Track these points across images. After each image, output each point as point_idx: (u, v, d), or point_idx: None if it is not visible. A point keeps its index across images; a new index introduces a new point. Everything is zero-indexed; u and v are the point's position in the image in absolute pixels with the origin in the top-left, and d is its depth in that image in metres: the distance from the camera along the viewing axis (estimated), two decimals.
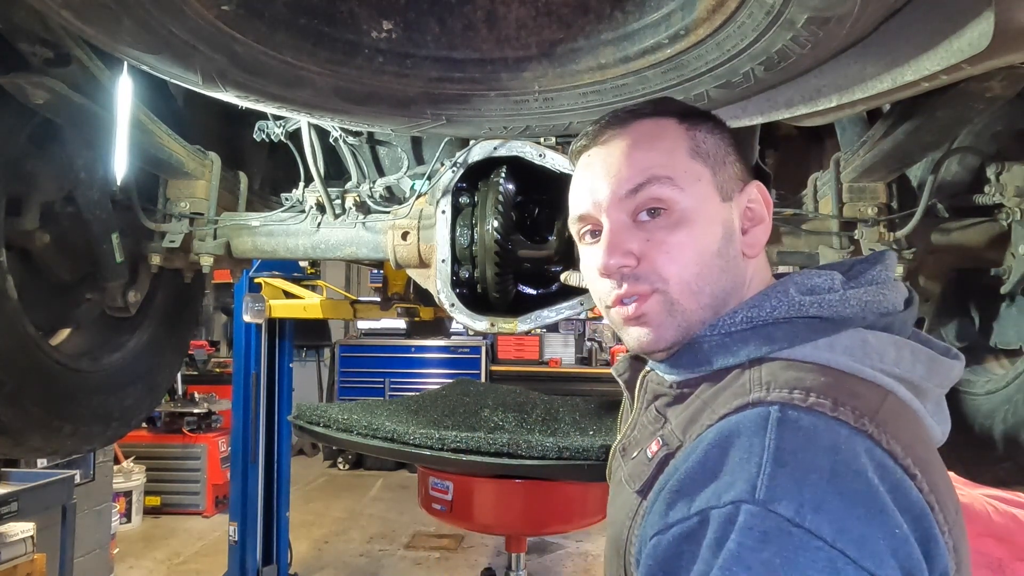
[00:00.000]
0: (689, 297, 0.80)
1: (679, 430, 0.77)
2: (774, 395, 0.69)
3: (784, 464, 0.63)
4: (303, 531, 5.59)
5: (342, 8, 1.29)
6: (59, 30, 1.35)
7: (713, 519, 0.64)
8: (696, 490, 0.67)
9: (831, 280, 0.80)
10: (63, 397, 1.80)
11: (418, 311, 3.93)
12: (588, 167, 0.87)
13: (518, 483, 1.76)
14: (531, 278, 1.84)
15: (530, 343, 8.18)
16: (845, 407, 0.68)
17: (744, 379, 0.74)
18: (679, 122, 0.84)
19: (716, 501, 0.64)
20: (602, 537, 5.20)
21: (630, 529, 0.77)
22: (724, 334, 0.79)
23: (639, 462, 0.80)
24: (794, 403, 0.68)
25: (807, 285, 0.79)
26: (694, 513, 0.65)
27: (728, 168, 0.84)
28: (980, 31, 0.97)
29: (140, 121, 1.64)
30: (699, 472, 0.68)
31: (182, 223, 1.88)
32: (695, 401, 0.79)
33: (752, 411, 0.69)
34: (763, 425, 0.67)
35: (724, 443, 0.68)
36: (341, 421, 1.84)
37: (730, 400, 0.72)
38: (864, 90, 1.24)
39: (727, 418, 0.70)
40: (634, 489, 0.78)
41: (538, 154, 1.64)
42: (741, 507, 0.62)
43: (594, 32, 1.29)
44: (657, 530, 0.68)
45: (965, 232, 1.74)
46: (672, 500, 0.68)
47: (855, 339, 0.75)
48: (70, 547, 3.31)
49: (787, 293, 0.78)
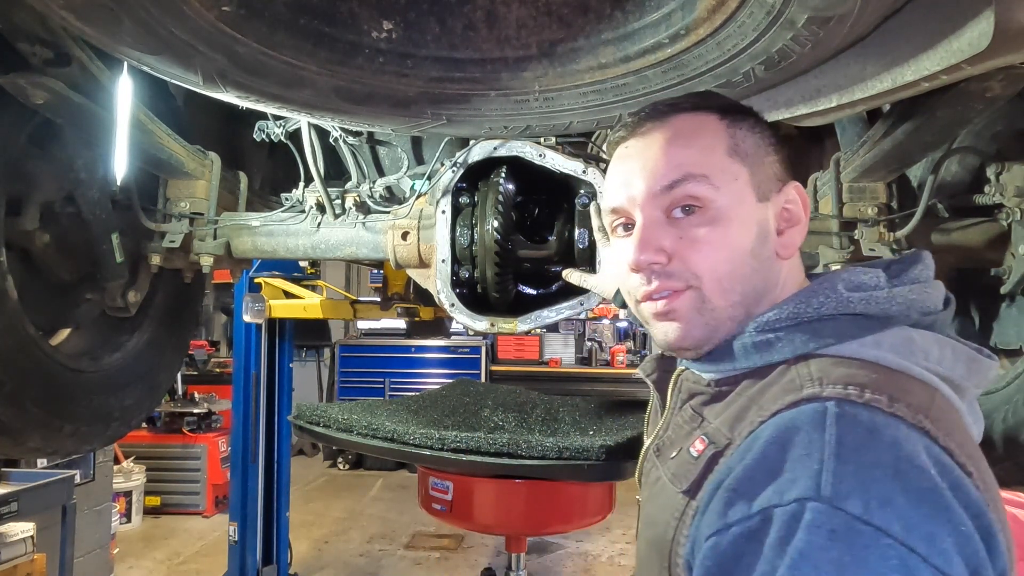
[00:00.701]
0: (720, 295, 0.79)
1: (725, 427, 0.75)
2: (829, 390, 0.68)
3: (847, 460, 0.62)
4: (303, 531, 5.59)
5: (342, 8, 1.29)
6: (59, 30, 1.35)
7: (776, 517, 0.62)
8: (756, 488, 0.65)
9: (877, 278, 0.79)
10: (63, 397, 1.80)
11: (418, 311, 3.93)
12: (624, 159, 0.86)
13: (518, 483, 1.76)
14: (531, 278, 1.84)
15: (530, 343, 8.18)
16: (900, 403, 0.67)
17: (792, 375, 0.73)
18: (720, 118, 0.83)
19: (779, 499, 0.63)
20: (602, 537, 5.16)
21: (677, 530, 0.75)
22: (768, 330, 0.77)
23: (683, 461, 0.79)
24: (850, 398, 0.67)
25: (854, 282, 0.78)
26: (755, 512, 0.64)
27: (766, 168, 0.83)
28: (980, 31, 0.97)
29: (140, 121, 1.64)
30: (758, 470, 0.66)
31: (182, 223, 1.88)
32: (738, 398, 0.77)
33: (807, 407, 0.68)
34: (821, 421, 0.66)
35: (782, 439, 0.66)
36: (341, 421, 1.84)
37: (781, 396, 0.71)
38: (864, 90, 1.24)
39: (781, 414, 0.69)
40: (680, 489, 0.76)
41: (538, 154, 1.64)
42: (807, 504, 0.61)
43: (594, 32, 1.29)
44: (715, 530, 0.67)
45: (965, 232, 1.74)
46: (730, 499, 0.67)
47: (901, 337, 0.75)
48: (70, 547, 3.31)
49: (835, 289, 0.77)
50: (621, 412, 2.07)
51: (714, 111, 0.83)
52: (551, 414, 2.08)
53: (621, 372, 7.81)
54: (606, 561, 5.19)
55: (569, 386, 7.43)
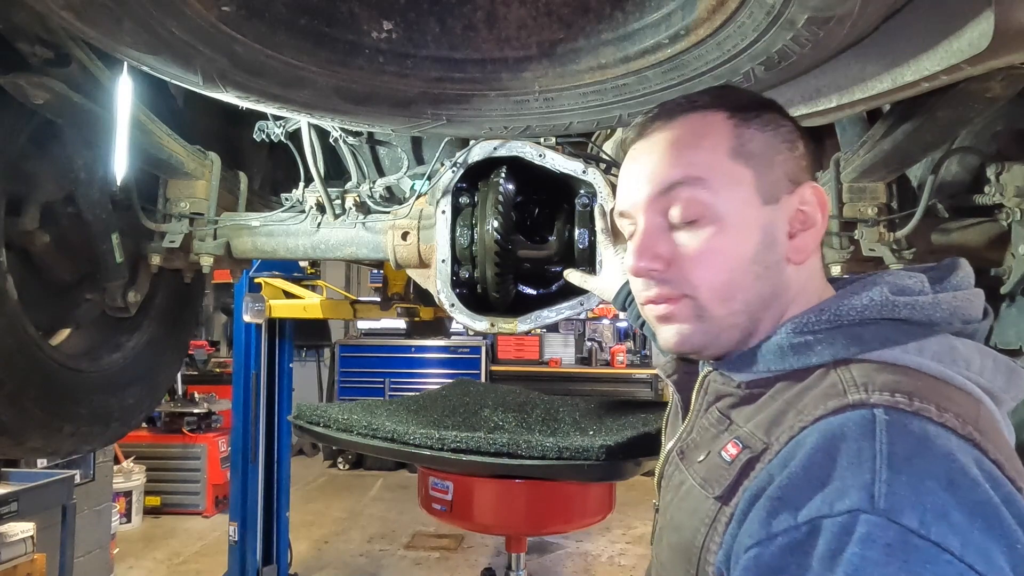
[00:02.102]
0: (718, 304, 0.78)
1: (760, 431, 0.72)
2: (876, 397, 0.66)
3: (899, 471, 0.60)
4: (303, 531, 5.59)
5: (342, 8, 1.29)
6: (59, 30, 1.35)
7: (825, 529, 0.59)
8: (802, 498, 0.62)
9: (921, 283, 0.77)
10: (63, 397, 1.80)
11: (418, 311, 3.93)
12: (631, 161, 0.85)
13: (518, 483, 1.76)
14: (531, 278, 1.84)
15: (530, 343, 8.18)
16: (949, 413, 0.65)
17: (833, 379, 0.70)
18: (728, 116, 0.80)
19: (828, 510, 0.60)
20: (602, 537, 5.15)
21: (707, 536, 0.72)
22: (807, 331, 0.75)
23: (714, 465, 0.75)
24: (899, 406, 0.65)
25: (898, 285, 0.76)
26: (802, 523, 0.61)
27: (776, 169, 0.79)
28: (980, 31, 0.97)
29: (140, 121, 1.64)
30: (803, 478, 0.63)
31: (182, 223, 1.88)
32: (772, 402, 0.75)
33: (854, 413, 0.65)
34: (870, 428, 0.63)
35: (828, 446, 0.64)
36: (341, 421, 1.84)
37: (822, 401, 0.68)
38: (864, 90, 1.24)
39: (825, 420, 0.66)
40: (712, 495, 0.73)
41: (538, 154, 1.64)
42: (859, 516, 0.58)
43: (594, 32, 1.29)
44: (756, 541, 0.64)
45: (965, 232, 1.74)
46: (774, 508, 0.64)
47: (944, 345, 0.73)
48: (70, 547, 3.31)
49: (880, 292, 0.74)
50: (621, 412, 2.07)
51: (724, 109, 0.80)
52: (551, 414, 2.08)
53: (621, 372, 7.81)
54: (606, 561, 5.19)
55: (569, 386, 7.43)
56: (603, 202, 1.62)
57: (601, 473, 1.61)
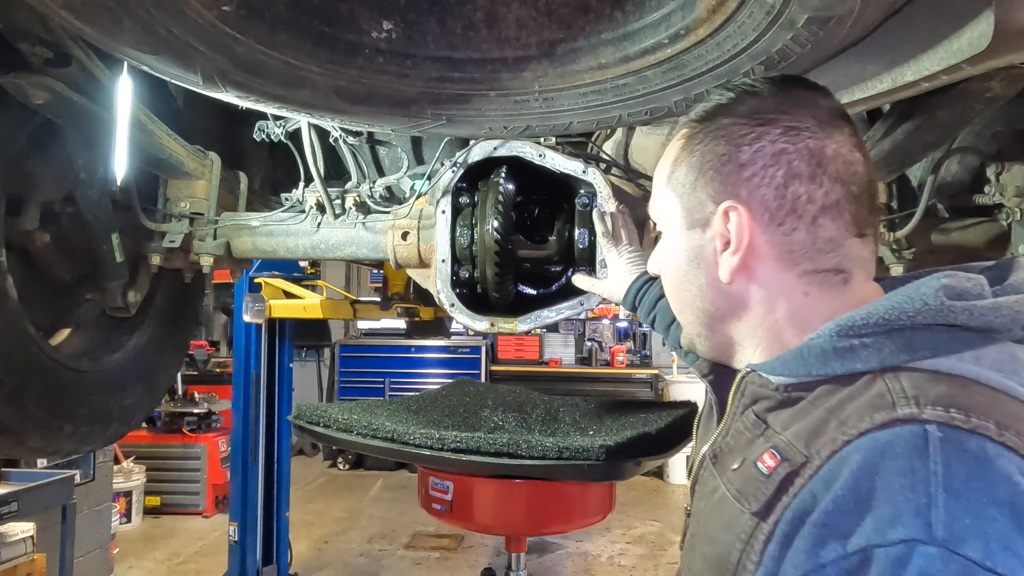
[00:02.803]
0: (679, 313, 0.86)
1: (800, 443, 0.68)
2: (929, 412, 0.61)
3: (958, 495, 0.56)
4: (303, 531, 5.59)
5: (342, 8, 1.29)
6: (59, 30, 1.35)
7: (878, 560, 0.55)
8: (850, 524, 0.58)
9: (980, 286, 0.70)
10: (63, 397, 1.80)
11: (418, 311, 3.93)
12: None
13: (518, 483, 1.76)
14: (531, 278, 1.84)
15: (530, 343, 8.18)
16: (1009, 431, 0.60)
17: (880, 389, 0.66)
18: (689, 135, 0.82)
19: (880, 538, 0.56)
20: (602, 537, 5.14)
21: (743, 553, 0.68)
22: (852, 335, 0.70)
23: (750, 477, 0.71)
24: (955, 423, 0.60)
25: (955, 289, 0.69)
26: (852, 552, 0.57)
27: (700, 191, 0.79)
28: (980, 31, 0.97)
29: (140, 121, 1.64)
30: (851, 502, 0.59)
31: (182, 223, 1.88)
32: (812, 409, 0.70)
33: (904, 429, 0.61)
34: (922, 447, 0.59)
35: (875, 466, 0.60)
36: (341, 421, 1.84)
37: (868, 413, 0.64)
38: (864, 90, 1.24)
39: (871, 435, 0.62)
40: (749, 510, 0.69)
41: (538, 154, 1.64)
42: (916, 548, 0.54)
43: (594, 32, 1.29)
44: (803, 572, 0.60)
45: (965, 232, 1.75)
46: (821, 537, 0.60)
47: (1004, 353, 0.67)
48: (70, 547, 3.31)
49: (935, 296, 0.68)
50: (621, 412, 2.07)
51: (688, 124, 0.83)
52: (551, 414, 2.08)
53: (621, 372, 7.81)
54: (606, 561, 5.19)
55: (569, 386, 7.43)
56: (603, 202, 1.62)
57: (601, 473, 1.61)
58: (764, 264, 0.77)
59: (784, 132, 0.76)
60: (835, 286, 0.76)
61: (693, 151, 0.81)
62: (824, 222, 0.75)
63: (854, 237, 0.76)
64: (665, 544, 5.51)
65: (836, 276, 0.76)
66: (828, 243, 0.75)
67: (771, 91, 0.79)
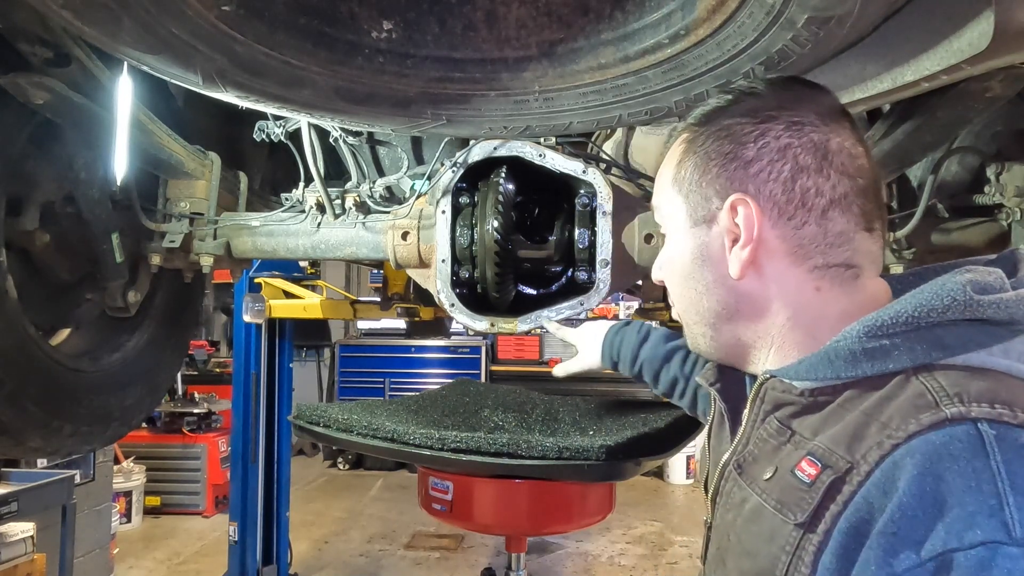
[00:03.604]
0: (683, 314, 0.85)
1: (840, 448, 0.66)
2: (976, 410, 0.61)
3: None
4: (303, 531, 5.59)
5: (342, 8, 1.29)
6: (59, 30, 1.35)
7: (959, 566, 0.55)
8: (921, 530, 0.57)
9: (1001, 279, 0.71)
10: (63, 397, 1.80)
11: (418, 311, 3.93)
12: None
13: (518, 483, 1.76)
14: (531, 278, 1.84)
15: (530, 343, 8.17)
16: None
17: (919, 389, 0.65)
18: (691, 138, 0.81)
19: (957, 542, 0.55)
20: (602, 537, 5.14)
21: (790, 565, 0.66)
22: (882, 335, 0.69)
23: (790, 487, 0.69)
24: (1004, 419, 0.60)
25: (980, 283, 0.69)
26: (928, 559, 0.56)
27: (703, 189, 0.79)
28: (980, 31, 0.97)
29: (140, 121, 1.64)
30: (917, 508, 0.58)
31: (182, 223, 1.88)
32: (843, 412, 0.69)
33: (956, 428, 0.60)
34: (979, 446, 0.59)
35: (937, 469, 0.59)
36: (341, 421, 1.84)
37: (912, 414, 0.63)
38: (864, 90, 1.24)
39: (923, 437, 0.61)
40: (793, 520, 0.67)
41: (538, 154, 1.64)
42: (999, 550, 0.54)
43: (594, 32, 1.29)
44: None
45: (965, 232, 1.75)
46: (891, 546, 0.58)
47: None
48: (70, 547, 3.31)
49: (963, 291, 0.68)
50: (621, 412, 2.07)
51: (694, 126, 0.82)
52: (551, 414, 2.07)
53: None
54: (606, 561, 5.19)
55: (569, 386, 7.42)
56: (603, 202, 1.62)
57: (601, 473, 1.61)
58: (775, 260, 0.76)
59: (788, 127, 0.75)
60: (846, 281, 0.76)
61: (696, 151, 0.80)
62: (834, 215, 0.74)
63: (863, 231, 0.76)
64: (665, 544, 5.51)
65: (847, 271, 0.76)
66: (839, 237, 0.75)
67: (771, 90, 0.79)
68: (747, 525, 0.74)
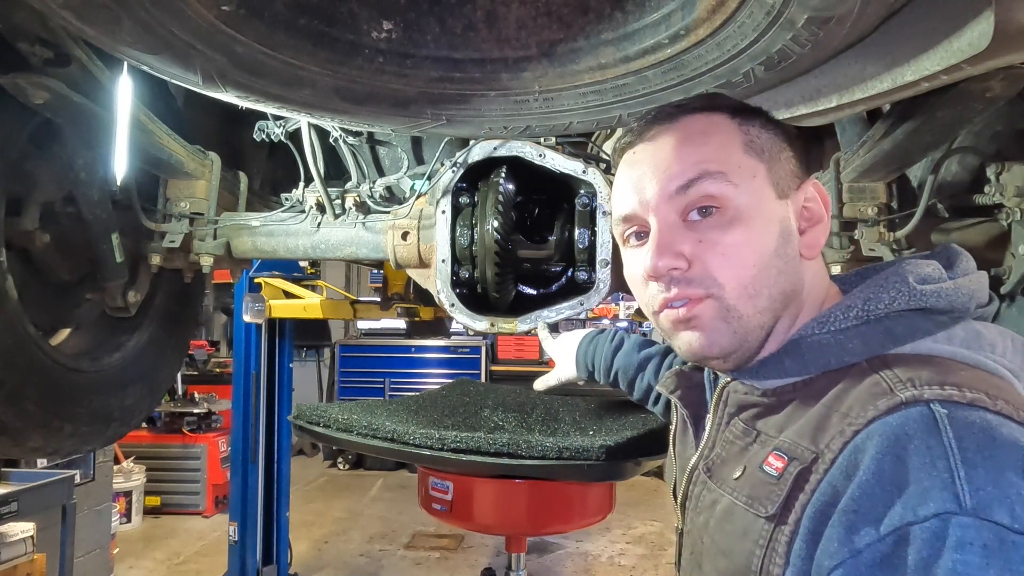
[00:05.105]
0: (746, 301, 0.74)
1: (805, 440, 0.68)
2: (928, 392, 0.63)
3: (975, 465, 0.58)
4: (303, 531, 5.59)
5: (342, 8, 1.29)
6: (59, 30, 1.35)
7: (915, 537, 0.57)
8: (879, 507, 0.59)
9: (939, 270, 0.75)
10: (63, 397, 1.80)
11: (418, 311, 3.93)
12: (633, 164, 0.81)
13: (518, 483, 1.76)
14: (531, 278, 1.84)
15: (530, 343, 8.17)
16: (999, 400, 0.63)
17: (875, 378, 0.68)
18: (731, 117, 0.79)
19: (912, 516, 0.57)
20: (602, 537, 5.14)
21: (765, 558, 0.68)
22: (836, 331, 0.72)
23: (760, 482, 0.71)
24: (954, 399, 0.63)
25: (920, 274, 0.73)
26: (886, 533, 0.58)
27: (784, 164, 0.79)
28: (980, 31, 0.97)
29: (140, 121, 1.64)
30: (876, 486, 0.60)
31: (182, 223, 1.88)
32: (804, 407, 0.72)
33: (911, 411, 0.63)
34: (932, 425, 0.61)
35: (895, 449, 0.61)
36: (341, 421, 1.84)
37: (870, 401, 0.65)
38: (864, 90, 1.24)
39: (880, 421, 0.63)
40: (763, 513, 0.69)
41: (538, 154, 1.64)
42: (951, 520, 0.56)
43: (594, 32, 1.29)
44: (840, 561, 0.60)
45: (965, 232, 1.74)
46: (852, 523, 0.60)
47: (970, 331, 0.71)
48: (70, 547, 3.31)
49: (906, 282, 0.72)
50: (621, 412, 2.07)
51: (723, 110, 0.80)
52: (551, 414, 2.07)
53: None
54: (606, 561, 5.19)
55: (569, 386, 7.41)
56: (603, 202, 1.62)
57: (601, 473, 1.61)
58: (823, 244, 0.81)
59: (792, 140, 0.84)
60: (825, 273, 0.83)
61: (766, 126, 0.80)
62: None
63: None
64: (665, 544, 5.51)
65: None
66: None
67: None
68: (720, 525, 0.76)
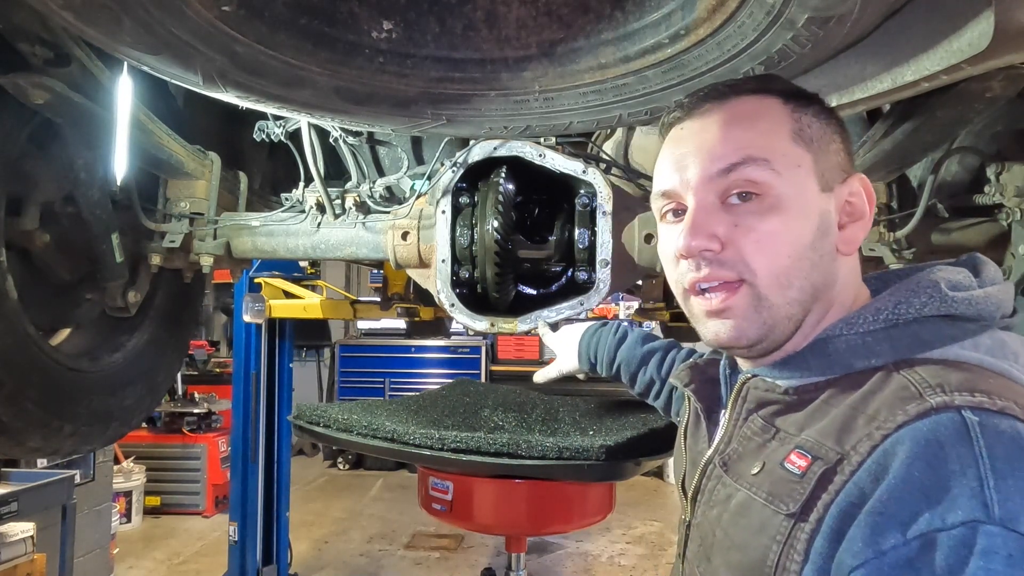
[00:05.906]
0: (777, 291, 0.74)
1: (830, 441, 0.68)
2: (959, 399, 0.63)
3: (1005, 476, 0.58)
4: (303, 531, 5.59)
5: (342, 8, 1.29)
6: (59, 30, 1.35)
7: (941, 544, 0.57)
8: (908, 512, 0.59)
9: (969, 277, 0.75)
10: (63, 397, 1.80)
11: (418, 311, 3.93)
12: (679, 141, 0.81)
13: (518, 483, 1.76)
14: (531, 278, 1.84)
15: (530, 343, 8.17)
16: None
17: (902, 382, 0.67)
18: (784, 102, 0.78)
19: (940, 522, 0.58)
20: (602, 537, 5.13)
21: (782, 554, 0.68)
22: (864, 332, 0.72)
23: (781, 479, 0.70)
24: (984, 407, 0.62)
25: (952, 281, 0.73)
26: (913, 538, 0.58)
27: (832, 156, 0.78)
28: (980, 31, 0.97)
29: (140, 121, 1.64)
30: (905, 490, 0.60)
31: (182, 223, 1.88)
32: (828, 408, 0.71)
33: (942, 416, 0.62)
34: (964, 432, 0.61)
35: (927, 455, 0.61)
36: (341, 421, 1.84)
37: (899, 405, 0.65)
38: (864, 90, 1.24)
39: (912, 426, 0.63)
40: (784, 511, 0.68)
41: (538, 154, 1.64)
42: (979, 528, 0.56)
43: (594, 32, 1.29)
44: (863, 560, 0.61)
45: (965, 232, 1.75)
46: (879, 525, 0.61)
47: (996, 340, 0.71)
48: (70, 547, 3.31)
49: (939, 289, 0.71)
50: (621, 412, 2.07)
51: (777, 94, 0.79)
52: (551, 414, 2.07)
53: None
54: (606, 561, 5.19)
55: (569, 386, 7.41)
56: (603, 202, 1.62)
57: (601, 473, 1.61)
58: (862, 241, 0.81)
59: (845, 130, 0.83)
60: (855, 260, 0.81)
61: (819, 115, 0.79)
62: None
63: None
64: (665, 544, 5.51)
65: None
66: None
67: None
68: (735, 519, 0.75)
